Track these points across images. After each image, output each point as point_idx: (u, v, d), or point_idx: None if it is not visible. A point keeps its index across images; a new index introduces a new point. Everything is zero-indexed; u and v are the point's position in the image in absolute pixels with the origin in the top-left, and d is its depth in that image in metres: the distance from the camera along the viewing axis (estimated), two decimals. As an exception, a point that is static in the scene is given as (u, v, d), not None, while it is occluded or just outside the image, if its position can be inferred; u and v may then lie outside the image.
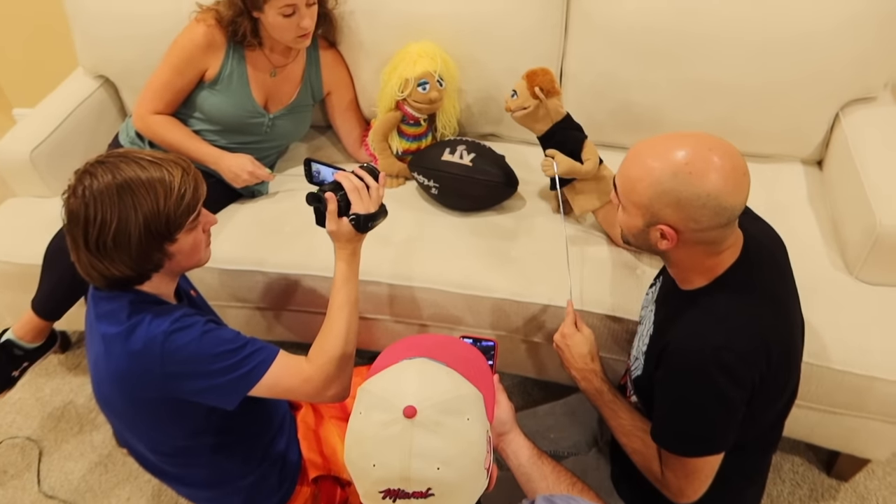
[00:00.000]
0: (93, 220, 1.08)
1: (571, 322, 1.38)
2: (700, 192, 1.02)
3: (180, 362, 1.12)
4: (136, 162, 1.11)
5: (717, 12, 1.70)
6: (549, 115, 1.57)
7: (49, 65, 2.62)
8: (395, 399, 0.79)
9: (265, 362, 1.18)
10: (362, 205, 1.28)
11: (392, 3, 1.83)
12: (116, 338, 1.13)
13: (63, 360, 2.12)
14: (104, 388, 1.19)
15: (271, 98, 1.85)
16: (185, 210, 1.13)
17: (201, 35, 1.72)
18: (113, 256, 1.11)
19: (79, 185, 1.09)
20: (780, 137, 1.83)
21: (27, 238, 1.79)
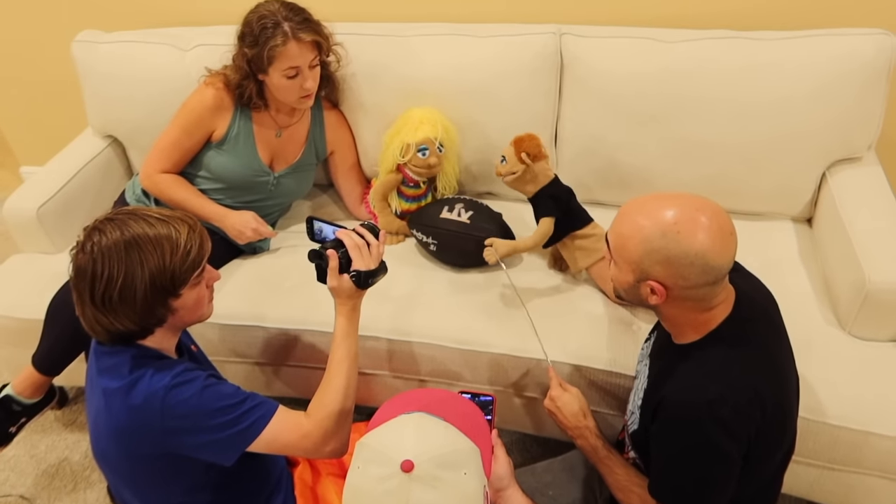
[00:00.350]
0: (100, 275, 1.11)
1: (557, 384, 1.39)
2: (688, 250, 1.06)
3: (180, 417, 1.13)
4: (144, 219, 1.14)
5: (704, 77, 1.77)
6: (536, 178, 1.63)
7: (58, 124, 2.69)
8: (392, 453, 0.80)
9: (264, 417, 1.18)
10: (363, 262, 1.31)
11: (393, 67, 1.90)
12: (117, 392, 1.14)
13: (60, 416, 2.11)
14: (102, 443, 1.19)
15: (277, 157, 1.91)
16: (190, 266, 1.16)
17: (210, 97, 1.78)
18: (118, 311, 1.13)
19: (87, 240, 1.12)
20: (769, 196, 1.88)
21: (30, 294, 1.81)
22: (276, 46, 1.64)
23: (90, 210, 2.10)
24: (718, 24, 1.85)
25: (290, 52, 1.65)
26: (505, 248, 1.62)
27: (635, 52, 1.81)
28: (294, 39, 1.64)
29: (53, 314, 1.66)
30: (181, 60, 1.98)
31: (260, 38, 1.64)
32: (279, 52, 1.65)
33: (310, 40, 1.67)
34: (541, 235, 1.63)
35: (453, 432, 0.86)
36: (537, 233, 1.63)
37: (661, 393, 1.18)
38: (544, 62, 1.84)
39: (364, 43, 1.91)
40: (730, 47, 1.78)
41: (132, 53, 2.03)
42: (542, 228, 1.63)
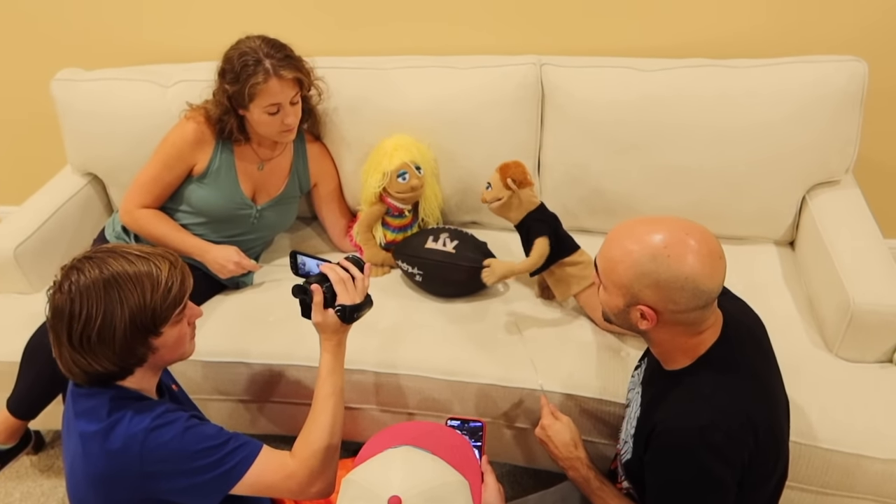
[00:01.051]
0: (77, 316, 1.08)
1: (548, 413, 1.38)
2: (679, 274, 1.05)
3: (160, 461, 1.09)
4: (124, 256, 1.12)
5: (682, 104, 1.80)
6: (522, 204, 1.63)
7: (35, 162, 2.66)
8: (379, 489, 0.78)
9: (248, 458, 1.15)
10: (348, 296, 1.30)
11: (374, 100, 1.91)
12: (95, 437, 1.10)
13: (35, 462, 2.04)
14: (80, 489, 1.14)
15: (259, 190, 1.90)
16: (171, 303, 1.13)
17: (191, 132, 1.77)
18: (96, 352, 1.10)
19: (65, 280, 1.10)
20: (751, 220, 1.90)
21: (5, 335, 1.77)
22: (258, 84, 1.63)
23: (69, 249, 2.07)
24: (694, 54, 1.89)
25: (272, 89, 1.65)
26: (502, 269, 1.61)
27: (614, 81, 1.83)
28: (275, 76, 1.64)
29: (30, 356, 1.62)
30: (162, 97, 1.98)
31: (241, 74, 1.64)
32: (260, 90, 1.65)
33: (291, 77, 1.67)
34: (538, 256, 1.61)
35: (441, 465, 0.84)
36: (534, 254, 1.61)
37: (653, 420, 1.17)
38: (526, 92, 1.86)
39: (345, 76, 1.92)
40: (706, 75, 1.81)
41: (113, 90, 2.03)
42: (538, 249, 1.61)
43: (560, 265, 1.66)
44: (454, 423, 1.34)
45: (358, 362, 1.63)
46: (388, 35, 2.10)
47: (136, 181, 1.82)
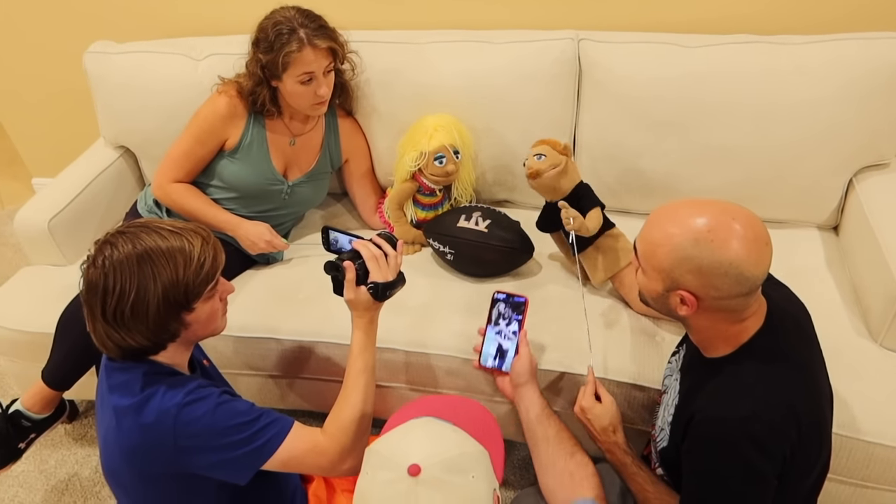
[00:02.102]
0: (111, 290, 1.08)
1: (591, 393, 1.36)
2: (722, 260, 1.02)
3: (193, 435, 1.10)
4: (157, 231, 1.12)
5: (725, 81, 1.73)
6: (575, 171, 1.58)
7: (69, 135, 2.68)
8: (400, 458, 0.80)
9: (279, 435, 1.15)
10: (380, 273, 1.28)
11: (406, 74, 1.88)
12: (128, 410, 1.11)
13: (70, 431, 2.08)
14: (114, 462, 1.15)
15: (290, 166, 1.88)
16: (203, 279, 1.13)
17: (223, 106, 1.76)
18: (130, 326, 1.10)
19: (98, 254, 1.10)
20: (794, 203, 1.84)
21: (40, 307, 1.79)
22: (292, 52, 1.62)
23: (102, 221, 2.08)
24: (739, 29, 1.82)
25: (305, 58, 1.64)
26: (580, 220, 1.52)
27: (655, 57, 1.78)
28: (309, 45, 1.63)
29: (64, 327, 1.63)
30: (194, 70, 1.96)
31: (275, 43, 1.63)
32: (294, 59, 1.63)
33: (325, 47, 1.66)
34: (596, 222, 1.54)
35: (461, 436, 0.85)
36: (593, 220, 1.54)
37: (692, 409, 1.14)
38: (562, 68, 1.81)
39: (378, 50, 1.89)
40: (751, 51, 1.75)
41: (144, 64, 2.02)
42: (592, 217, 1.54)
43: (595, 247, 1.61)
44: (501, 296, 1.51)
45: (388, 340, 1.61)
46: (423, 9, 2.06)
47: (167, 156, 1.82)
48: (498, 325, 1.52)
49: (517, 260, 1.76)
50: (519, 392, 1.35)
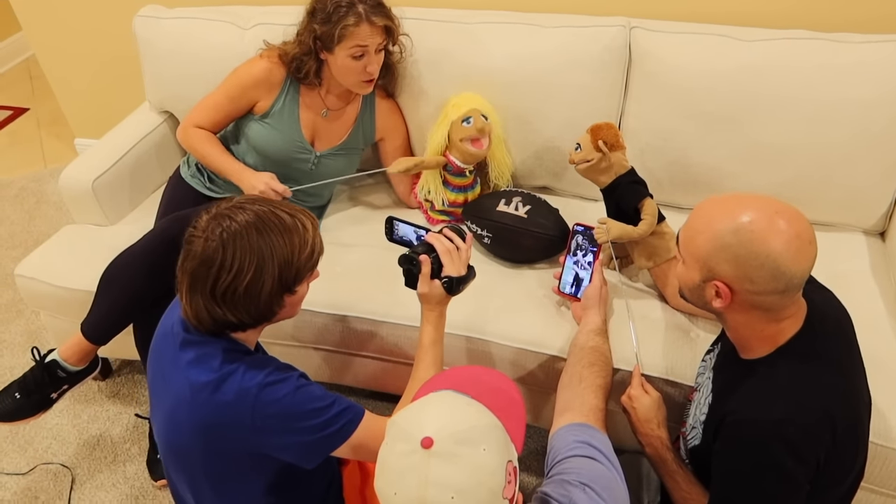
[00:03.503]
0: (228, 267, 1.07)
1: (638, 384, 1.35)
2: (759, 251, 1.01)
3: (271, 417, 1.09)
4: (273, 212, 1.11)
5: (780, 77, 1.69)
6: (612, 168, 1.56)
7: (113, 98, 2.72)
8: (415, 430, 0.82)
9: (353, 422, 1.15)
10: (454, 267, 1.29)
11: (454, 54, 1.86)
12: (206, 387, 1.10)
13: (103, 388, 2.12)
14: (182, 437, 1.14)
15: (319, 136, 1.88)
16: (312, 263, 1.15)
17: (259, 70, 1.78)
18: (237, 304, 1.09)
19: (216, 227, 1.08)
20: (841, 206, 1.79)
21: (82, 265, 1.82)
22: (349, 26, 1.63)
23: (143, 185, 2.11)
24: (796, 25, 1.77)
25: (362, 32, 1.64)
26: (619, 230, 1.53)
27: (708, 49, 1.74)
28: (367, 21, 1.64)
29: (107, 284, 1.65)
30: (241, 39, 1.97)
31: (333, 15, 1.64)
32: (350, 32, 1.64)
33: (381, 24, 1.66)
34: (651, 217, 1.53)
35: (476, 409, 0.87)
36: (647, 216, 1.53)
37: (725, 409, 1.13)
38: (612, 55, 1.78)
39: (428, 28, 1.87)
40: (808, 48, 1.70)
41: (192, 30, 2.03)
42: (649, 210, 1.53)
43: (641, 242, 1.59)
44: (579, 229, 1.57)
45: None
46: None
47: (198, 104, 1.86)
48: (575, 255, 1.58)
49: (554, 248, 1.74)
50: (585, 314, 1.44)
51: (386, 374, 1.77)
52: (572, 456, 1.09)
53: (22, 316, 2.39)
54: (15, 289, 2.44)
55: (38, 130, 3.46)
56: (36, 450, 1.97)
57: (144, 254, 1.64)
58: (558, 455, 1.10)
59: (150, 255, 1.63)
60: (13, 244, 2.72)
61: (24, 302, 2.38)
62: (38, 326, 2.33)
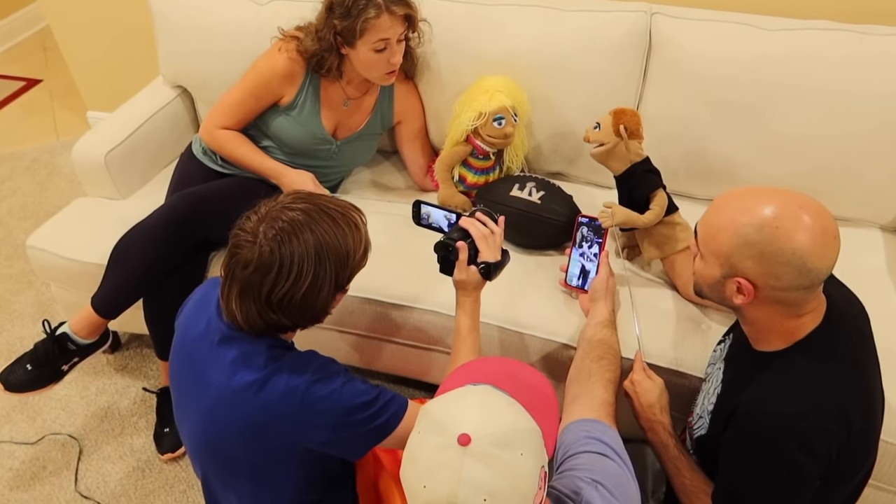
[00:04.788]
0: (286, 273, 1.04)
1: (641, 369, 1.34)
2: (785, 248, 0.99)
3: (319, 413, 1.08)
4: (326, 211, 1.09)
5: (801, 67, 1.66)
6: (627, 155, 1.54)
7: (127, 71, 2.71)
8: (451, 425, 0.80)
9: (398, 414, 1.13)
10: (490, 252, 1.27)
11: (472, 37, 1.84)
12: (251, 386, 1.08)
13: (111, 361, 2.14)
14: (224, 436, 1.12)
15: (340, 126, 1.87)
16: (365, 260, 1.14)
17: (281, 65, 1.75)
18: (292, 310, 1.08)
19: (268, 230, 1.05)
20: (860, 201, 1.77)
21: (93, 238, 1.82)
22: (370, 18, 1.61)
23: (155, 159, 2.11)
24: (821, 15, 1.73)
25: (382, 24, 1.62)
26: (623, 215, 1.50)
27: (730, 37, 1.71)
28: (387, 12, 1.61)
29: (119, 258, 1.66)
30: (256, 16, 1.95)
31: (352, 9, 1.61)
32: (371, 25, 1.61)
33: (402, 14, 1.64)
34: (660, 208, 1.51)
35: (516, 410, 0.84)
36: (655, 206, 1.51)
37: (736, 401, 1.12)
38: (632, 41, 1.75)
39: (445, 10, 1.84)
40: (832, 39, 1.67)
41: (208, 4, 2.01)
42: (659, 201, 1.51)
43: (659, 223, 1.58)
44: (584, 220, 1.54)
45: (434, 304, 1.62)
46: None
47: (220, 101, 1.83)
48: (581, 247, 1.56)
49: (567, 234, 1.72)
50: (593, 306, 1.42)
51: (413, 360, 1.77)
52: (583, 452, 1.07)
53: (32, 287, 2.40)
54: (26, 259, 2.45)
55: (51, 102, 3.46)
56: (44, 420, 1.98)
57: (156, 230, 1.64)
58: (569, 450, 1.08)
59: (161, 232, 1.63)
60: (25, 215, 2.72)
61: (34, 273, 2.39)
62: (49, 298, 2.34)
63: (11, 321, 2.28)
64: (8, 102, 3.47)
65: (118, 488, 1.82)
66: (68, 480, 1.83)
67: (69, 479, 1.84)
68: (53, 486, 1.83)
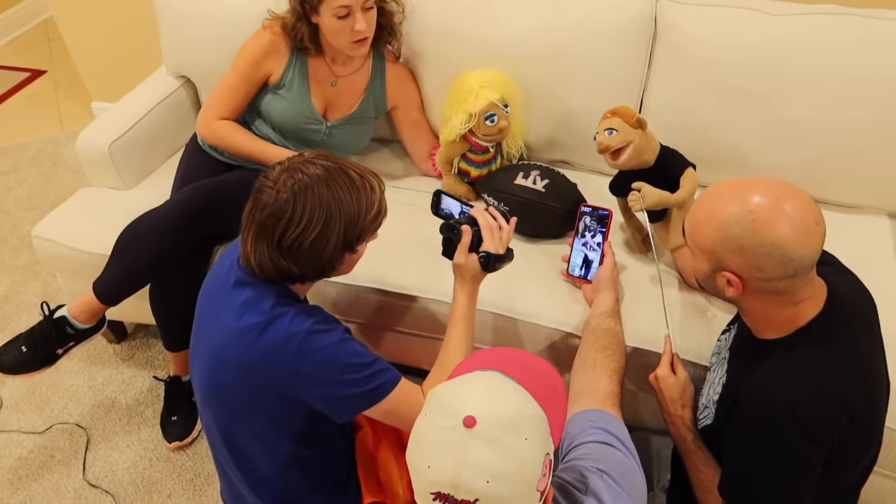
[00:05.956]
0: (297, 220, 1.09)
1: (667, 363, 1.34)
2: (765, 240, 1.00)
3: (313, 364, 1.12)
4: (343, 170, 1.13)
5: (808, 52, 1.65)
6: (651, 143, 1.51)
7: (131, 62, 2.70)
8: (458, 407, 0.81)
9: (389, 384, 1.16)
10: (493, 244, 1.30)
11: (471, 21, 1.82)
12: (254, 328, 1.12)
13: (118, 351, 2.15)
14: (225, 375, 1.17)
15: (331, 107, 1.86)
16: (376, 224, 1.17)
17: (265, 41, 1.76)
18: (300, 257, 1.12)
19: (287, 179, 1.10)
20: (867, 187, 1.75)
21: (98, 228, 1.83)
22: None
23: (159, 149, 2.10)
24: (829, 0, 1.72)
25: None
26: (655, 197, 1.44)
27: (736, 22, 1.69)
28: None
29: (124, 246, 1.66)
30: (258, 4, 1.92)
31: None
32: None
33: None
34: (693, 185, 1.47)
35: (523, 396, 0.85)
36: (688, 184, 1.47)
37: (739, 389, 1.12)
38: (637, 27, 1.73)
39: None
40: (840, 23, 1.65)
41: (210, -7, 2.00)
42: (690, 179, 1.48)
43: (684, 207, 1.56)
44: (587, 209, 1.53)
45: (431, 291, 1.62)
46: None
47: (213, 93, 1.83)
48: (584, 236, 1.56)
49: (572, 223, 1.72)
50: (597, 296, 1.42)
51: (415, 349, 1.77)
52: (589, 442, 1.08)
53: (38, 278, 2.41)
54: (32, 251, 2.46)
55: (56, 93, 3.46)
56: (52, 410, 2.00)
57: (166, 221, 1.64)
58: (574, 440, 1.09)
59: (172, 222, 1.63)
60: (30, 206, 2.73)
61: (40, 264, 2.40)
62: (55, 289, 2.35)
63: (18, 312, 2.29)
64: (12, 94, 3.48)
65: (126, 477, 1.83)
66: (76, 469, 1.85)
67: (77, 467, 1.85)
68: (62, 474, 1.84)
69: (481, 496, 0.77)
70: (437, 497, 0.78)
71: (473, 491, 0.77)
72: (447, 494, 0.78)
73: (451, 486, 0.77)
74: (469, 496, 0.77)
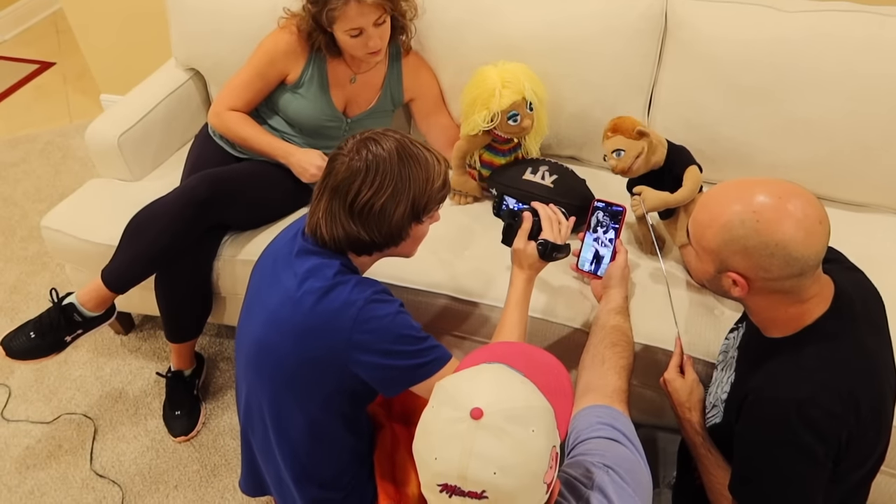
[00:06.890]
0: (370, 183, 1.14)
1: (675, 365, 1.34)
2: (768, 241, 1.00)
3: (369, 332, 1.14)
4: (413, 144, 1.19)
5: (820, 50, 1.64)
6: (658, 144, 1.52)
7: (141, 55, 2.70)
8: (465, 399, 0.81)
9: (440, 360, 1.19)
10: (552, 234, 1.34)
11: (485, 19, 1.82)
12: (315, 292, 1.15)
13: (125, 342, 2.16)
14: (275, 335, 1.20)
15: (350, 103, 1.86)
16: (441, 197, 1.22)
17: (283, 42, 1.76)
18: (370, 222, 1.17)
19: (362, 147, 1.16)
20: (877, 186, 1.74)
21: (106, 219, 1.83)
22: (336, 8, 1.59)
23: (168, 142, 2.11)
24: (842, -4, 1.71)
25: (350, 13, 1.60)
26: (656, 200, 1.48)
27: (747, 19, 1.68)
28: (354, 1, 1.58)
29: (133, 233, 1.66)
30: (269, -4, 1.94)
31: None
32: (339, 14, 1.60)
33: (371, 2, 1.59)
34: (694, 184, 1.49)
35: (529, 389, 0.85)
36: (689, 182, 1.49)
37: (747, 389, 1.12)
38: (647, 23, 1.73)
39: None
40: (853, 21, 1.64)
41: (220, -15, 2.00)
42: (692, 177, 1.50)
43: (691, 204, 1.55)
44: (600, 205, 1.53)
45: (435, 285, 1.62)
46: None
47: (227, 84, 1.83)
48: (596, 232, 1.56)
49: (581, 220, 1.72)
50: (606, 293, 1.42)
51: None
52: (595, 437, 1.08)
53: (48, 269, 2.42)
54: (41, 241, 2.47)
55: (65, 85, 3.47)
56: (60, 400, 2.01)
57: (174, 208, 1.64)
58: (580, 435, 1.09)
59: (180, 210, 1.64)
60: (39, 198, 2.74)
61: (49, 255, 2.41)
62: (64, 280, 2.36)
63: (27, 302, 2.30)
64: (22, 85, 3.49)
65: (132, 467, 1.84)
66: (83, 459, 1.86)
67: (84, 458, 1.86)
68: (69, 464, 1.85)
69: (488, 488, 0.77)
70: (444, 489, 0.79)
71: (480, 482, 0.77)
72: (454, 486, 0.78)
73: (458, 478, 0.77)
74: (476, 488, 0.77)
